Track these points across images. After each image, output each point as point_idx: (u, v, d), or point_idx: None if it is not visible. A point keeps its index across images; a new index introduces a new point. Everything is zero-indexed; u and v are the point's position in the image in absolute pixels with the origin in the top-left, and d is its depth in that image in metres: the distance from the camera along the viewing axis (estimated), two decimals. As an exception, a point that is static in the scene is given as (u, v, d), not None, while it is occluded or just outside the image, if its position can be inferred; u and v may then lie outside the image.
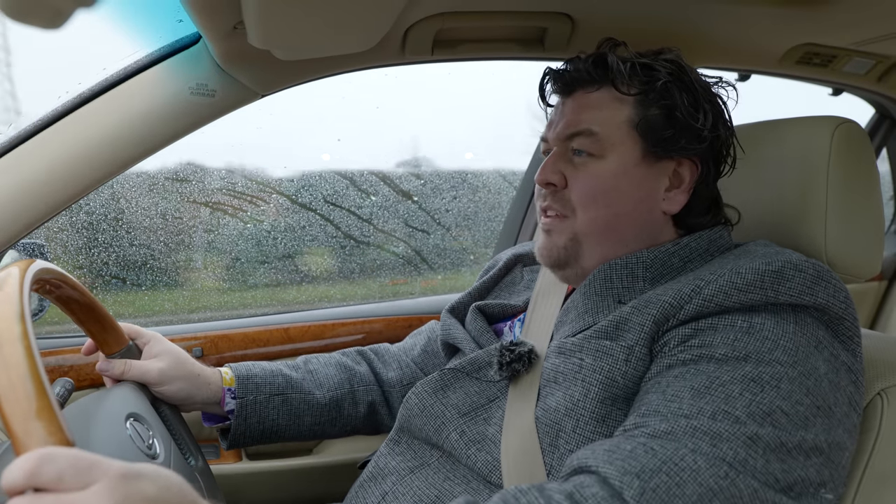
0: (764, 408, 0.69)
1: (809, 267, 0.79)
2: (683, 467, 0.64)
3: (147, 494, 0.50)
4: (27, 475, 0.47)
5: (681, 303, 0.79)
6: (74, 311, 0.88)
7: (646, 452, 0.66)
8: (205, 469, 0.96)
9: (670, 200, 0.94)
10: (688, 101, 0.91)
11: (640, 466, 0.65)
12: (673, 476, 0.64)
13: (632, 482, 0.63)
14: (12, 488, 0.47)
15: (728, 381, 0.71)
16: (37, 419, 0.51)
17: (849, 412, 0.75)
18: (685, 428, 0.68)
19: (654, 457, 0.66)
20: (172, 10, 1.10)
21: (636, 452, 0.66)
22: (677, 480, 0.64)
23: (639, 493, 0.63)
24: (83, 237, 1.76)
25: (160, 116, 1.13)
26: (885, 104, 1.98)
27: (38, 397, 0.52)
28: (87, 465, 0.49)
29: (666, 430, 0.68)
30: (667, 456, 0.65)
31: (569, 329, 0.91)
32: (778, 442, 0.67)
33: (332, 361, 1.19)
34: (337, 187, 2.05)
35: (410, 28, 1.18)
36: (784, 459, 0.67)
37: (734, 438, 0.67)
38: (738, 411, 0.69)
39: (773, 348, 0.73)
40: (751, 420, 0.68)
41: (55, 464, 0.48)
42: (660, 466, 0.65)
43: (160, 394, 0.99)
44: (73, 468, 0.48)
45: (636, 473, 0.64)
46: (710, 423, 0.68)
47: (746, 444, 0.67)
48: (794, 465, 0.68)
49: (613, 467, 0.65)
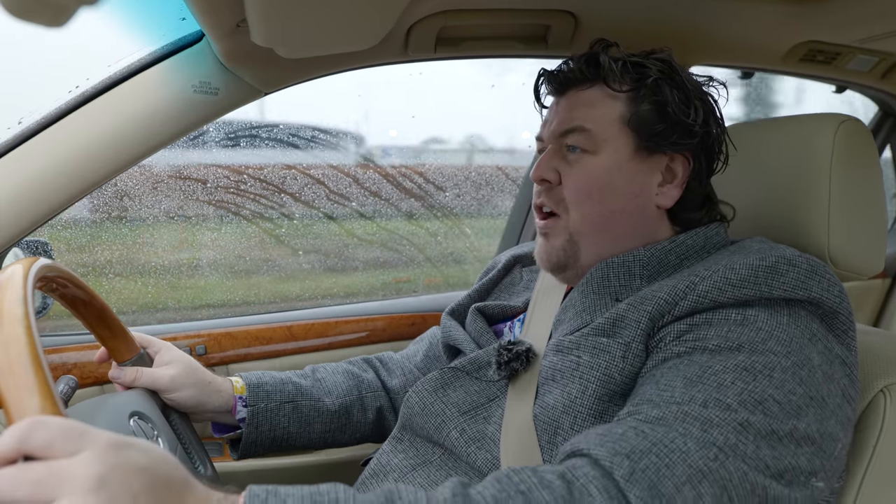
0: (756, 396, 0.69)
1: (803, 262, 0.79)
2: (673, 449, 0.65)
3: (137, 464, 0.50)
4: (18, 440, 0.47)
5: (676, 299, 0.80)
6: (84, 315, 0.88)
7: (636, 435, 0.66)
8: (213, 478, 0.96)
9: (663, 195, 0.94)
10: (678, 97, 0.92)
11: (630, 448, 0.65)
12: (662, 457, 0.64)
13: (622, 462, 0.64)
14: (4, 455, 0.47)
15: (720, 371, 0.71)
16: (32, 394, 0.51)
17: (842, 404, 0.75)
18: (676, 414, 0.68)
19: (644, 439, 0.66)
20: (175, 8, 1.10)
21: (627, 435, 0.67)
22: (667, 462, 0.64)
23: (628, 473, 0.63)
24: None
25: (163, 114, 1.13)
26: (889, 101, 1.97)
27: (35, 374, 0.52)
28: (77, 433, 0.49)
29: (657, 416, 0.69)
30: (657, 438, 0.66)
31: (567, 327, 0.92)
32: (769, 429, 0.67)
33: (340, 370, 1.20)
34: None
35: (413, 26, 1.18)
36: (775, 447, 0.67)
37: (725, 424, 0.67)
38: (729, 399, 0.69)
39: (767, 338, 0.74)
40: (742, 407, 0.68)
41: (46, 430, 0.48)
42: (649, 448, 0.65)
43: (171, 401, 0.99)
44: (63, 435, 0.48)
45: (626, 454, 0.64)
46: (701, 409, 0.68)
47: (737, 430, 0.67)
48: (785, 452, 0.68)
49: (604, 449, 0.65)
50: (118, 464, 0.49)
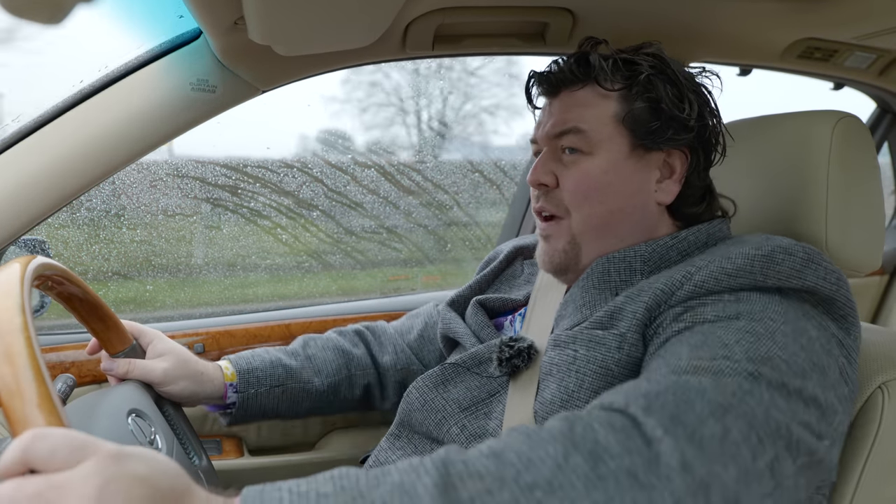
0: (762, 353, 0.68)
1: (800, 250, 0.79)
2: (689, 388, 0.63)
3: (138, 474, 0.50)
4: (21, 452, 0.47)
5: (672, 289, 0.80)
6: (77, 309, 0.88)
7: (649, 383, 0.65)
8: (208, 468, 0.97)
9: (663, 191, 0.94)
10: (671, 92, 0.92)
11: (645, 390, 0.63)
12: (679, 395, 0.62)
13: (637, 400, 0.61)
14: (9, 469, 0.48)
15: (723, 335, 0.71)
16: (36, 407, 0.51)
17: (840, 381, 0.73)
18: (686, 368, 0.67)
19: (657, 385, 0.64)
20: (173, 5, 1.10)
21: (639, 384, 0.65)
22: (684, 398, 0.61)
23: (645, 406, 0.60)
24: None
25: (161, 112, 1.13)
26: (887, 98, 1.98)
27: (38, 387, 0.52)
28: (79, 444, 0.49)
29: (667, 372, 0.67)
30: (670, 383, 0.64)
31: (567, 322, 0.92)
32: (780, 381, 0.66)
33: (330, 345, 1.20)
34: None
35: (411, 23, 1.18)
36: (788, 399, 0.65)
37: (736, 374, 0.65)
38: (737, 355, 0.67)
39: (763, 310, 0.74)
40: (749, 362, 0.67)
41: (48, 441, 0.48)
42: (664, 390, 0.63)
43: (165, 393, 1.00)
44: (65, 446, 0.48)
45: (642, 394, 0.62)
46: (710, 363, 0.66)
47: (749, 378, 0.65)
48: (797, 408, 0.66)
49: (618, 395, 0.64)
50: (119, 474, 0.49)
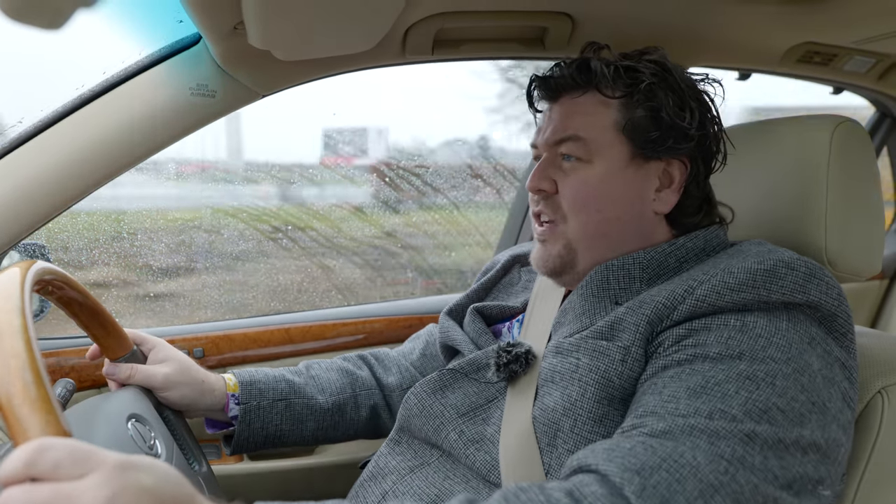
0: (760, 405, 0.69)
1: (802, 265, 0.79)
2: (683, 464, 0.64)
3: (143, 485, 0.50)
4: (25, 463, 0.47)
5: (674, 303, 0.80)
6: (78, 314, 0.88)
7: (645, 450, 0.66)
8: (208, 474, 0.96)
9: (661, 201, 0.93)
10: (673, 100, 0.91)
11: (640, 463, 0.65)
12: (673, 472, 0.64)
13: (632, 479, 0.63)
14: (11, 478, 0.47)
15: (723, 381, 0.71)
16: (35, 411, 0.51)
17: (843, 408, 0.75)
18: (682, 427, 0.68)
19: (653, 454, 0.65)
20: (173, 10, 1.10)
21: (636, 450, 0.66)
22: (677, 477, 0.64)
23: (639, 489, 0.62)
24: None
25: (160, 117, 1.13)
26: (886, 103, 1.98)
27: (37, 390, 0.52)
28: (84, 455, 0.49)
29: (664, 430, 0.68)
30: (666, 453, 0.65)
31: (566, 330, 0.91)
32: (775, 438, 0.68)
33: (334, 367, 1.19)
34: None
35: (410, 28, 1.18)
36: (782, 456, 0.67)
37: (731, 436, 0.67)
38: (734, 410, 0.69)
39: (767, 346, 0.74)
40: (747, 418, 0.68)
41: (52, 452, 0.48)
42: (659, 463, 0.64)
43: (165, 399, 1.00)
44: (70, 457, 0.48)
45: (636, 470, 0.64)
46: (707, 421, 0.68)
47: (744, 441, 0.67)
48: (793, 461, 0.68)
49: (613, 465, 0.65)
50: (125, 486, 0.48)
